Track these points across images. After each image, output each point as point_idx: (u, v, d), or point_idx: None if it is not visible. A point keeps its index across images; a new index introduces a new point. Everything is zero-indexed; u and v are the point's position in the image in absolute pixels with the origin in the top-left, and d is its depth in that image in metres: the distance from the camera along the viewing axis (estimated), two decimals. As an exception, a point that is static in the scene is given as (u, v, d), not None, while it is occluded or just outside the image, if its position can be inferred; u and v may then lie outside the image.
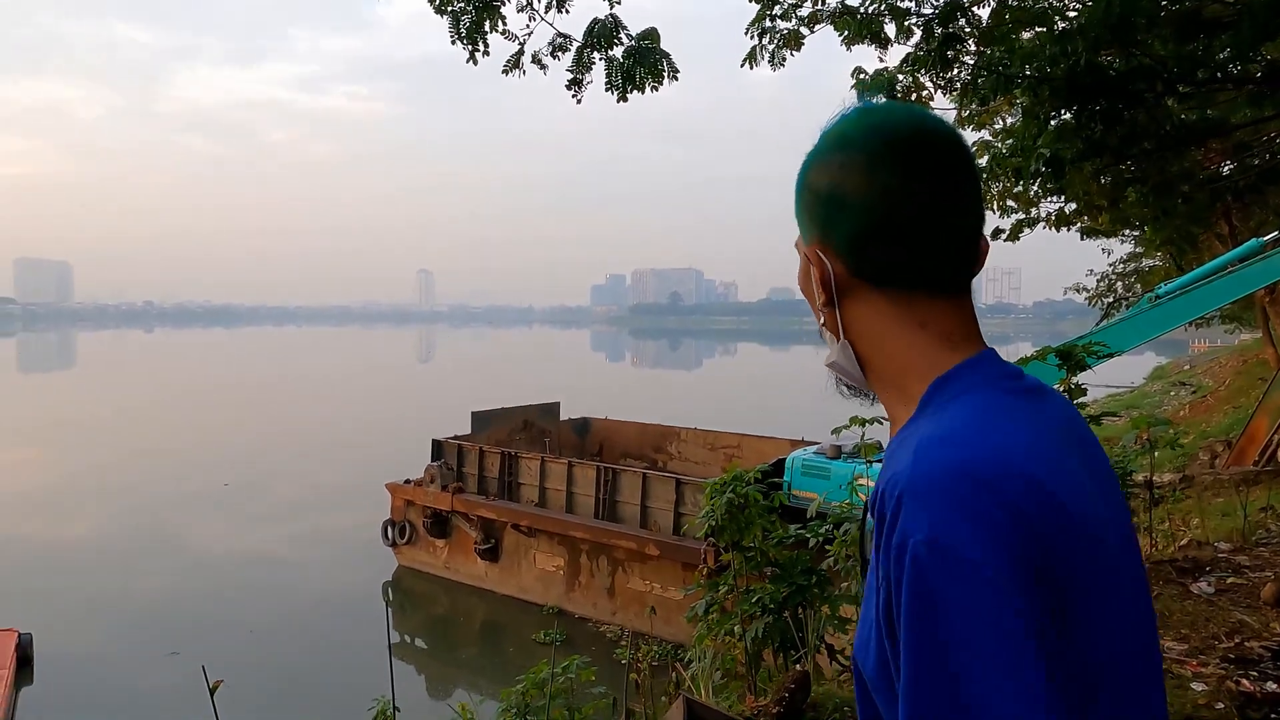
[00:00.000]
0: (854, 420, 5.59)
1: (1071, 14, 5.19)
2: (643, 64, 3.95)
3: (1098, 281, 23.14)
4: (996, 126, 8.29)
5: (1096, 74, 4.69)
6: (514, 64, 4.01)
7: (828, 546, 5.18)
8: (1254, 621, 3.98)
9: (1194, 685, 3.16)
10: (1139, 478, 6.97)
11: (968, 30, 5.14)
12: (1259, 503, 8.02)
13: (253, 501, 19.32)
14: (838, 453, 13.22)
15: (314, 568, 15.03)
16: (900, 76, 6.17)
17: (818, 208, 0.81)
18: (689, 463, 17.90)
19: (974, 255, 0.79)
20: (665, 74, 4.06)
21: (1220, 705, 2.95)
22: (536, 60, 4.06)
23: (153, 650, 10.85)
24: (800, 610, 4.19)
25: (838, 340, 0.84)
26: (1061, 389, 5.09)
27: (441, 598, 14.50)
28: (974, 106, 6.35)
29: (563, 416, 18.95)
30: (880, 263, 0.78)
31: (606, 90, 4.03)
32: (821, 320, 0.86)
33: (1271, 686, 3.06)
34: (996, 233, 9.08)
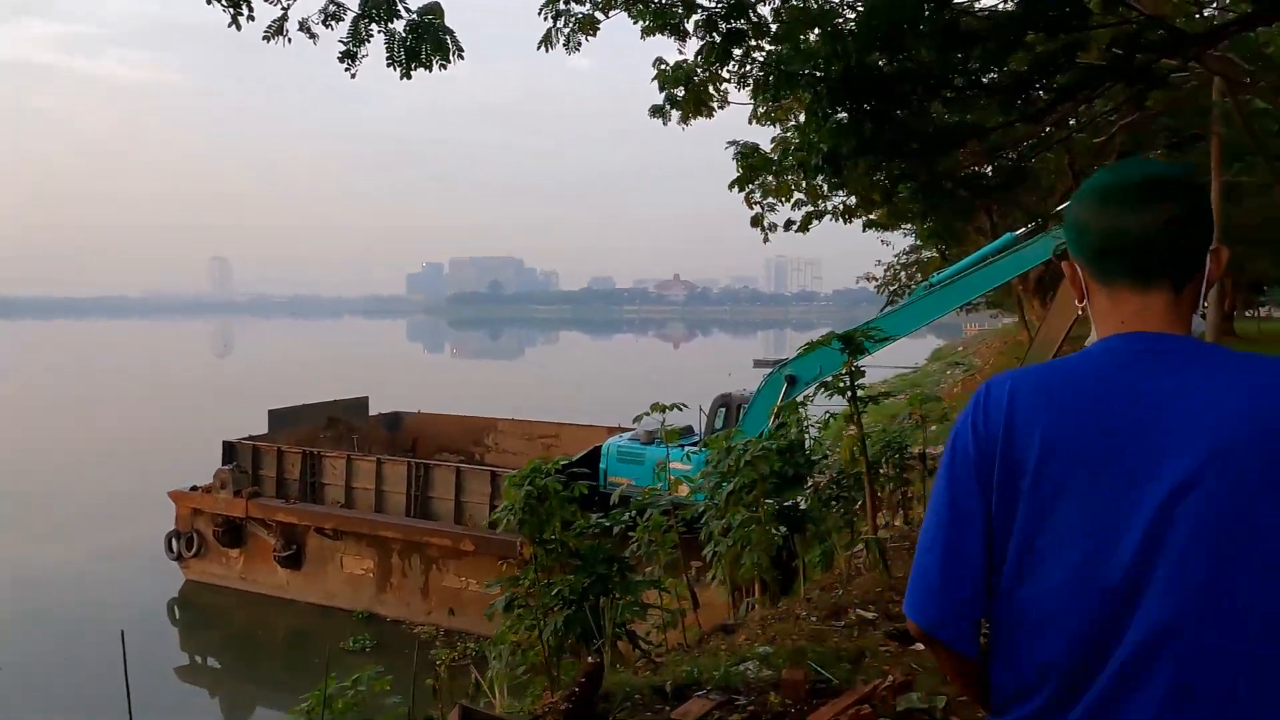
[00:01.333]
0: (654, 407, 5.68)
1: (842, 18, 5.51)
2: (426, 40, 3.74)
3: (884, 271, 25.21)
4: (791, 123, 8.73)
5: (867, 75, 5.00)
6: (276, 30, 3.64)
7: (631, 533, 5.23)
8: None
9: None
10: (916, 449, 7.63)
11: (749, 27, 5.33)
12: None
13: (10, 519, 16.92)
14: (651, 438, 13.50)
15: (85, 590, 13.38)
16: (698, 70, 6.31)
17: (1075, 232, 1.17)
18: (507, 454, 17.65)
19: (1178, 260, 1.10)
20: (451, 52, 3.87)
21: None
22: (305, 28, 3.72)
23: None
24: (601, 600, 4.19)
25: (1088, 324, 1.21)
26: (844, 370, 5.43)
27: (237, 612, 13.41)
28: (770, 103, 6.60)
29: (372, 411, 18.09)
30: (1101, 265, 1.14)
31: (388, 65, 3.78)
32: (1082, 308, 1.21)
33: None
34: (789, 224, 9.59)
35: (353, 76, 3.76)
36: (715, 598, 6.51)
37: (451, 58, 3.81)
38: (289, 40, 3.66)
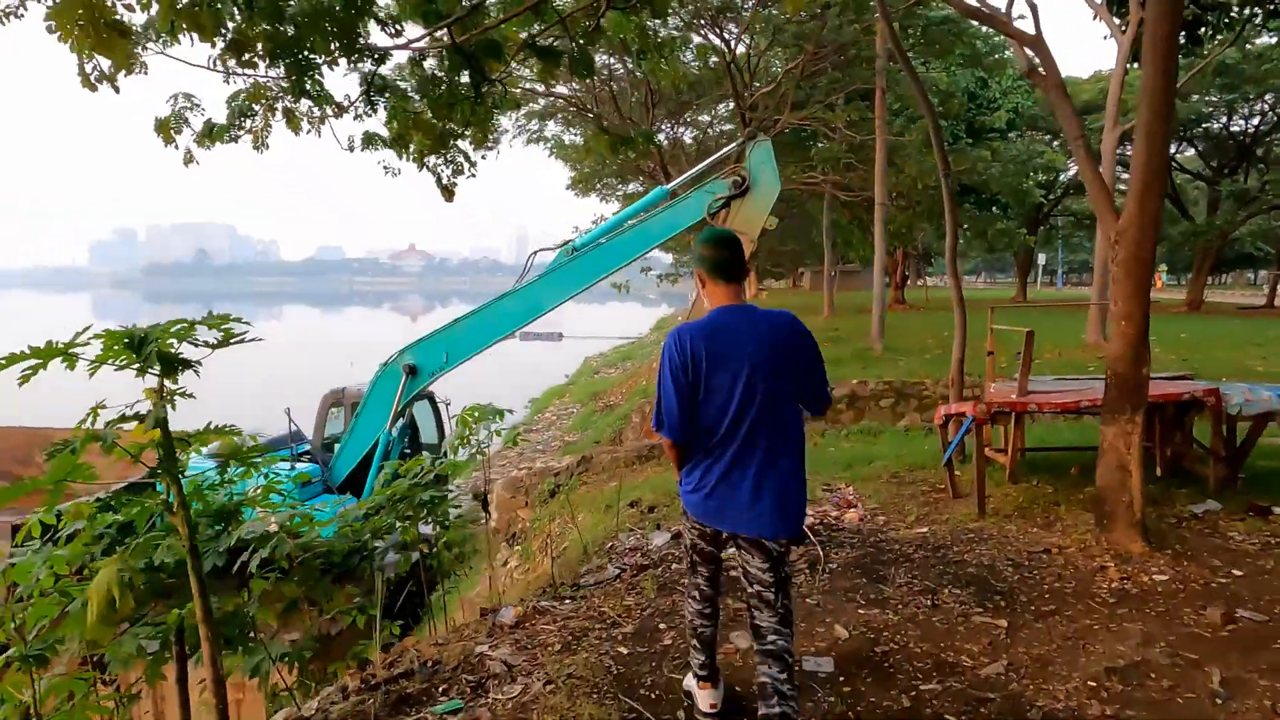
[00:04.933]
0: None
1: None
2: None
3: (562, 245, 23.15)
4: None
5: None
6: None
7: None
8: None
9: None
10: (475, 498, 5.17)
11: None
12: (651, 483, 7.01)
13: None
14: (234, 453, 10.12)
15: None
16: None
17: (699, 258, 3.02)
18: None
19: (740, 271, 3.00)
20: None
21: None
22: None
23: None
24: None
25: (703, 300, 3.04)
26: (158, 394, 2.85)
27: None
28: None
29: None
30: (713, 273, 2.98)
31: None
32: (701, 293, 3.05)
33: None
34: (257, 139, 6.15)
35: None
36: None
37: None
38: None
